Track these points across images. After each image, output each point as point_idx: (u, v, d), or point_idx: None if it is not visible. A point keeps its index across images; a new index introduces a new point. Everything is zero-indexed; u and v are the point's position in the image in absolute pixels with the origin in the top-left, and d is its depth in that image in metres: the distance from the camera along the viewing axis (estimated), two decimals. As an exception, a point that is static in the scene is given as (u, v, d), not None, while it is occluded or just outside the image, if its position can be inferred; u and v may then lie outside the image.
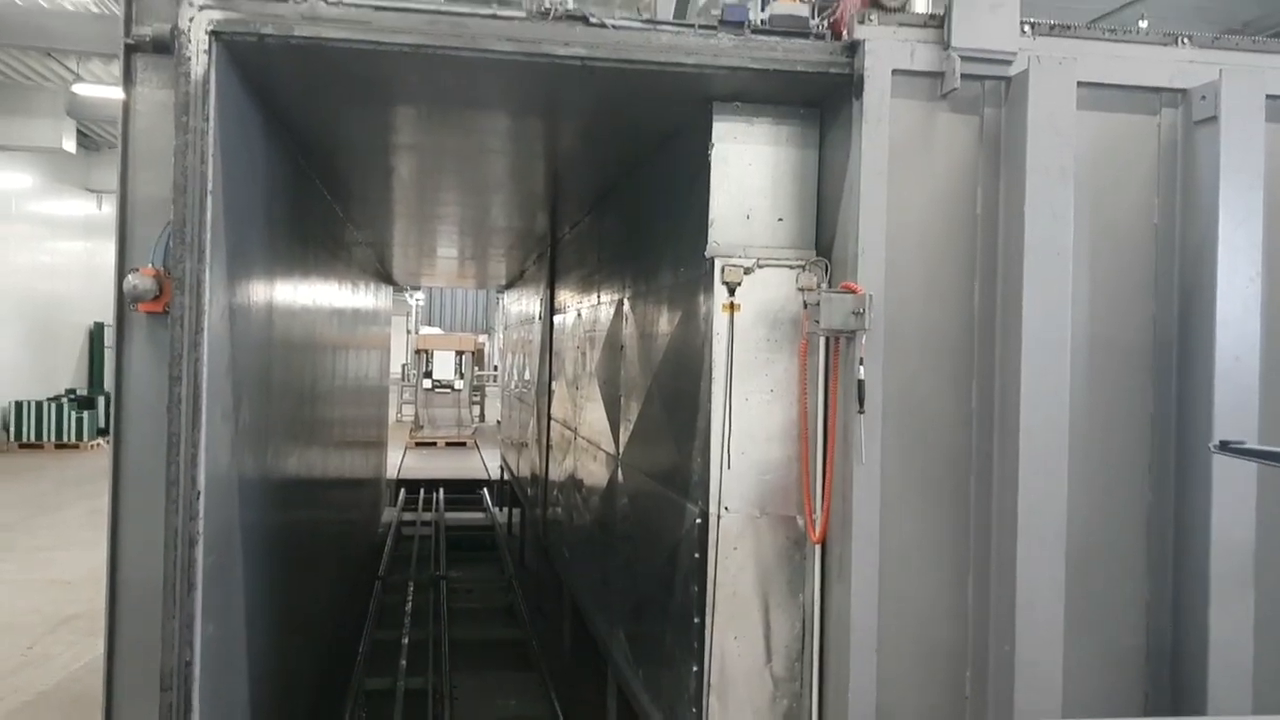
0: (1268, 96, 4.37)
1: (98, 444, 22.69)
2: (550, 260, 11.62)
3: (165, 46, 4.06)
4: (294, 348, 6.56)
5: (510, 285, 17.98)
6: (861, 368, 4.23)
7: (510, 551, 14.47)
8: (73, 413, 22.64)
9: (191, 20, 3.99)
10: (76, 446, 22.36)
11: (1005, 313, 4.32)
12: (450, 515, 17.14)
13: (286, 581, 6.09)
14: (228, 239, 4.32)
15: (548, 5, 4.27)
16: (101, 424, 23.16)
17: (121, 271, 4.16)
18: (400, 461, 20.47)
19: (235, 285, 4.56)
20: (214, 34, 4.02)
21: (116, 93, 4.13)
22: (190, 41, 3.99)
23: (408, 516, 16.75)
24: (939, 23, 4.33)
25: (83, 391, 25.30)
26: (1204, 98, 4.41)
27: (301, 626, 6.86)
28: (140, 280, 4.03)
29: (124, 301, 4.13)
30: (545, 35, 4.24)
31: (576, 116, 5.62)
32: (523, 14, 4.27)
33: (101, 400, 23.97)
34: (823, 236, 4.78)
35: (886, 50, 4.30)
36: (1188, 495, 4.42)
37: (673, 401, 5.54)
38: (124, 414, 4.26)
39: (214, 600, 4.18)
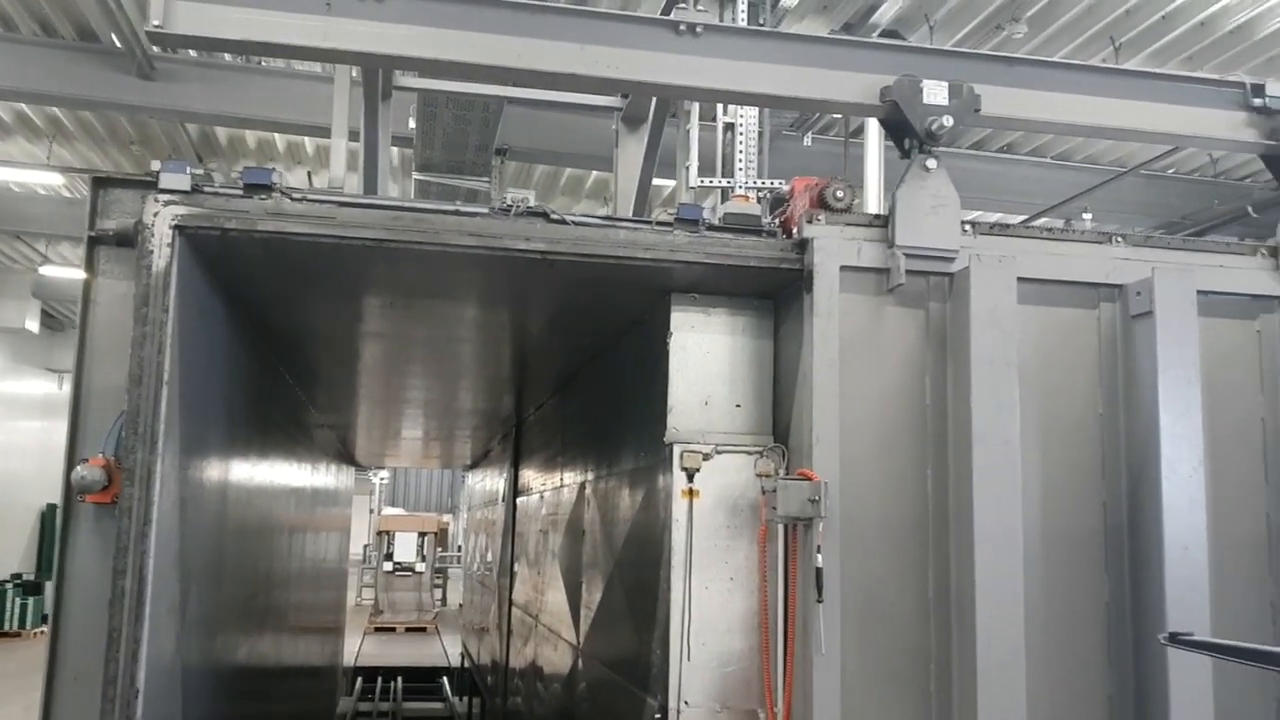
0: (1199, 292, 4.53)
1: (41, 632, 21.85)
2: (515, 441, 11.63)
3: (129, 240, 4.12)
4: (249, 533, 6.44)
5: (475, 465, 17.90)
6: (819, 555, 4.20)
7: (469, 744, 13.92)
8: (17, 599, 21.83)
9: (156, 215, 4.06)
10: (19, 635, 21.48)
11: (957, 502, 4.33)
12: (408, 705, 16.56)
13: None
14: (182, 428, 4.30)
15: (509, 202, 4.40)
16: (47, 610, 22.33)
17: (71, 461, 4.10)
18: (358, 648, 19.80)
19: (188, 474, 4.51)
20: (178, 228, 4.07)
21: (83, 275, 4.17)
22: (153, 235, 4.05)
23: (364, 707, 16.14)
24: (883, 223, 4.51)
25: (30, 575, 24.46)
26: (1139, 294, 4.56)
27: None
28: (89, 471, 3.97)
29: (71, 492, 4.07)
30: (507, 231, 4.36)
31: (540, 306, 5.72)
32: (485, 210, 4.40)
33: (49, 585, 23.17)
34: (779, 422, 4.83)
35: (835, 248, 4.45)
36: (1146, 687, 4.35)
37: (633, 589, 5.46)
38: (64, 607, 4.13)
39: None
